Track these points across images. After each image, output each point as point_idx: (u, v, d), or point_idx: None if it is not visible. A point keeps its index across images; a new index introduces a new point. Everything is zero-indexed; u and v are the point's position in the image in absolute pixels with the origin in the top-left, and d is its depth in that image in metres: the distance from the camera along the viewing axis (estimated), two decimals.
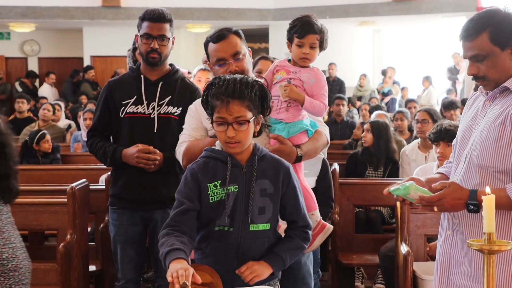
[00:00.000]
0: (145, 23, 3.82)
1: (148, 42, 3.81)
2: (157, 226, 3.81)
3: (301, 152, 3.15)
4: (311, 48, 3.16)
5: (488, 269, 1.98)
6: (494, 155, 2.63)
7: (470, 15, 2.77)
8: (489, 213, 1.98)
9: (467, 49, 2.69)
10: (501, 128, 2.62)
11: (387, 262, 4.80)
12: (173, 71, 3.96)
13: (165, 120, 3.84)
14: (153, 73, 3.90)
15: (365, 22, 16.10)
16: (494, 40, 2.62)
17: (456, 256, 2.79)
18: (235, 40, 3.23)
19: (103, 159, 3.94)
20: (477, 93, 2.93)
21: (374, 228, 5.80)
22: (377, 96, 14.55)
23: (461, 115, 3.09)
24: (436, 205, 2.65)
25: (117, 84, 3.94)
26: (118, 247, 3.93)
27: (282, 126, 3.12)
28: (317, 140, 3.25)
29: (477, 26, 2.64)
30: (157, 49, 3.81)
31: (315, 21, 3.19)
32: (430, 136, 4.95)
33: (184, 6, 15.10)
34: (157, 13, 3.80)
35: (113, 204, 3.96)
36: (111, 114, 3.91)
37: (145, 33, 3.81)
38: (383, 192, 2.77)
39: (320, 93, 3.17)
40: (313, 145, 3.23)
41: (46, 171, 6.38)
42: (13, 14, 14.86)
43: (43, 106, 9.43)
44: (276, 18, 15.75)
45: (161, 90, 3.86)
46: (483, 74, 2.69)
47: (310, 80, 3.16)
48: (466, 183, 2.71)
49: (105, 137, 3.99)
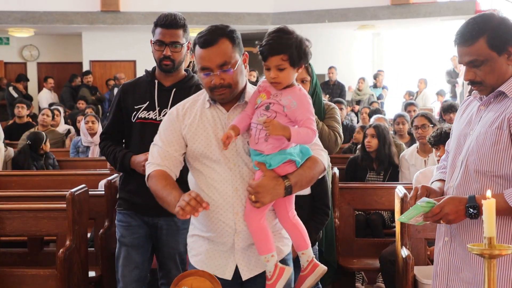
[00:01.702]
0: (158, 29, 3.74)
1: (161, 49, 3.73)
2: (162, 233, 3.77)
3: (289, 182, 2.72)
4: (279, 70, 2.72)
5: (489, 273, 1.97)
6: (492, 160, 2.62)
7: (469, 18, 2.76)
8: (489, 217, 1.97)
9: (463, 55, 2.67)
10: (498, 132, 2.62)
11: (388, 266, 4.79)
12: (188, 78, 3.87)
13: None
14: (168, 79, 3.82)
15: (364, 25, 16.12)
16: (491, 45, 2.61)
17: (454, 262, 2.78)
18: (225, 46, 2.77)
19: (113, 163, 3.89)
20: (470, 98, 2.92)
21: (374, 231, 5.79)
22: (376, 99, 14.57)
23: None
24: (440, 217, 2.64)
25: (131, 87, 3.88)
26: (122, 251, 3.84)
27: (262, 158, 2.72)
28: (310, 168, 2.81)
29: (474, 31, 2.63)
30: (169, 56, 3.72)
31: (282, 37, 2.73)
32: (430, 140, 4.95)
33: (183, 11, 14.94)
34: (169, 19, 3.71)
35: (120, 206, 3.91)
36: (124, 117, 3.85)
37: (158, 40, 3.73)
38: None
39: (305, 117, 2.72)
40: (306, 174, 2.80)
41: (45, 177, 6.37)
42: (12, 19, 14.87)
43: (42, 111, 9.44)
44: (275, 22, 15.75)
45: (174, 96, 3.75)
46: (480, 80, 2.68)
47: (291, 104, 2.72)
48: (464, 188, 2.71)
49: (117, 141, 3.93)
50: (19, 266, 4.94)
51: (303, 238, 2.90)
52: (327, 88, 13.74)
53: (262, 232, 2.75)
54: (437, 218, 2.65)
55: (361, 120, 10.56)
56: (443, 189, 2.88)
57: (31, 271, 4.64)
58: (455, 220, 2.64)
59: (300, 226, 2.90)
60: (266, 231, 2.76)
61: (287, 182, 2.71)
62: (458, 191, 2.73)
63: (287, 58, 2.70)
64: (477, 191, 2.65)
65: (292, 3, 15.50)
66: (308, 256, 2.91)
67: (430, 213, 2.64)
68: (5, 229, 4.61)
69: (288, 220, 2.85)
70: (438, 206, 2.62)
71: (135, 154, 3.75)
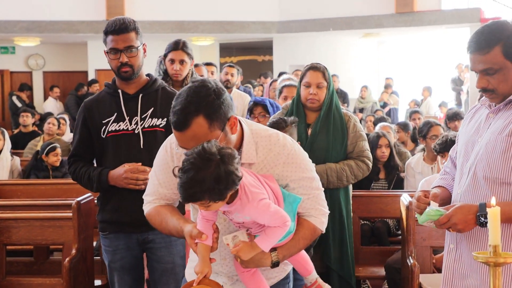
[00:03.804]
0: (109, 37, 3.56)
1: (116, 57, 3.57)
2: (154, 247, 3.62)
3: (277, 257, 2.55)
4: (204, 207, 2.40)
5: (494, 281, 1.97)
6: (502, 167, 2.62)
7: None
8: (494, 226, 1.98)
9: (477, 62, 2.65)
10: (508, 139, 2.61)
11: (394, 274, 4.79)
12: (152, 81, 3.71)
13: (150, 134, 3.60)
14: (131, 86, 3.67)
15: (369, 34, 16.15)
16: (506, 54, 2.60)
17: (460, 269, 2.78)
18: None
19: (89, 186, 3.67)
20: (477, 105, 2.91)
21: (380, 239, 5.78)
22: (379, 107, 14.58)
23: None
24: (449, 226, 2.63)
25: (95, 103, 3.68)
26: (115, 275, 3.68)
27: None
28: (305, 239, 2.62)
29: (489, 40, 2.61)
30: (127, 63, 3.56)
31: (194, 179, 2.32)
32: (436, 147, 4.95)
33: (189, 20, 15.17)
34: (118, 24, 3.53)
35: (103, 230, 3.71)
36: (92, 136, 3.65)
37: (111, 48, 3.57)
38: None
39: (266, 221, 2.46)
40: (298, 246, 2.62)
41: (51, 186, 6.38)
42: (18, 28, 14.94)
43: (48, 120, 9.46)
44: (280, 30, 15.80)
45: (142, 102, 3.63)
46: (492, 88, 2.67)
47: (245, 219, 2.48)
48: (472, 195, 2.70)
49: (88, 161, 3.73)
50: (25, 275, 4.95)
51: (303, 265, 2.83)
52: None
53: (253, 279, 2.64)
54: (445, 227, 2.64)
55: (365, 129, 10.55)
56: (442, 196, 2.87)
57: (37, 280, 4.66)
58: (465, 229, 2.62)
59: (304, 255, 2.82)
60: (258, 278, 2.64)
61: (274, 257, 2.55)
62: (465, 198, 2.72)
63: (209, 200, 2.34)
64: (485, 197, 2.64)
65: (296, 12, 15.53)
66: (312, 279, 2.87)
67: (438, 222, 2.64)
68: (11, 238, 4.62)
69: None
70: (446, 216, 2.61)
71: (111, 169, 3.59)
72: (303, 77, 4.42)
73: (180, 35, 4.37)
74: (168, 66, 4.75)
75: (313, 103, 4.37)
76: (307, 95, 4.37)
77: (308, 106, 4.41)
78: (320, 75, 4.37)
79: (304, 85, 4.40)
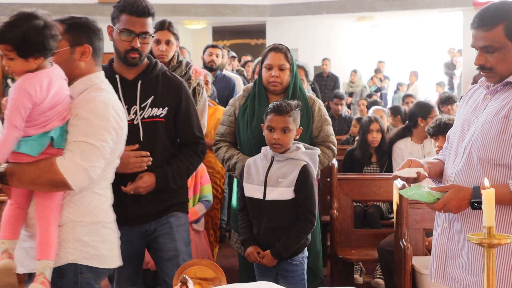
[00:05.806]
0: (124, 16, 3.30)
1: (128, 40, 3.30)
2: (156, 236, 3.45)
3: (3, 168, 2.59)
4: (9, 59, 2.66)
5: (488, 262, 1.97)
6: (497, 149, 2.63)
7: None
8: (488, 207, 1.98)
9: (479, 38, 2.66)
10: (504, 121, 2.62)
11: (386, 257, 4.81)
12: (152, 65, 3.45)
13: (151, 125, 3.35)
14: (131, 71, 3.40)
15: (362, 17, 16.11)
16: (508, 34, 2.61)
17: (453, 248, 2.80)
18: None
19: None
20: (475, 86, 2.92)
21: (372, 223, 5.80)
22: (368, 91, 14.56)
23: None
24: (442, 210, 2.65)
25: None
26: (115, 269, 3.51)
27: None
28: (38, 169, 2.61)
29: (494, 17, 2.61)
30: (138, 49, 3.31)
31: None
32: (430, 130, 4.95)
33: (181, 3, 15.08)
34: (141, 6, 3.28)
35: None
36: None
37: (126, 29, 3.29)
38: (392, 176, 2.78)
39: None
40: (29, 174, 2.60)
41: None
42: (9, 10, 14.81)
43: None
44: (273, 14, 15.74)
45: (142, 90, 3.37)
46: (490, 66, 2.67)
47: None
48: (466, 175, 2.71)
49: None
50: None
51: (43, 244, 2.63)
52: (320, 80, 13.71)
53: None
54: (438, 211, 2.67)
55: (358, 112, 10.55)
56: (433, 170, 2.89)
57: None
58: (457, 211, 2.67)
59: (46, 230, 2.63)
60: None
61: (1, 168, 2.59)
62: (459, 177, 2.74)
63: (12, 48, 2.56)
64: (479, 178, 2.65)
65: None
66: (39, 269, 2.62)
67: (432, 206, 2.66)
68: None
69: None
70: (442, 201, 2.61)
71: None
72: (264, 59, 4.13)
73: (172, 18, 4.28)
74: (153, 47, 4.41)
75: (275, 85, 4.08)
76: (268, 77, 4.08)
77: (270, 89, 4.12)
78: (282, 57, 4.09)
79: (265, 67, 4.11)
